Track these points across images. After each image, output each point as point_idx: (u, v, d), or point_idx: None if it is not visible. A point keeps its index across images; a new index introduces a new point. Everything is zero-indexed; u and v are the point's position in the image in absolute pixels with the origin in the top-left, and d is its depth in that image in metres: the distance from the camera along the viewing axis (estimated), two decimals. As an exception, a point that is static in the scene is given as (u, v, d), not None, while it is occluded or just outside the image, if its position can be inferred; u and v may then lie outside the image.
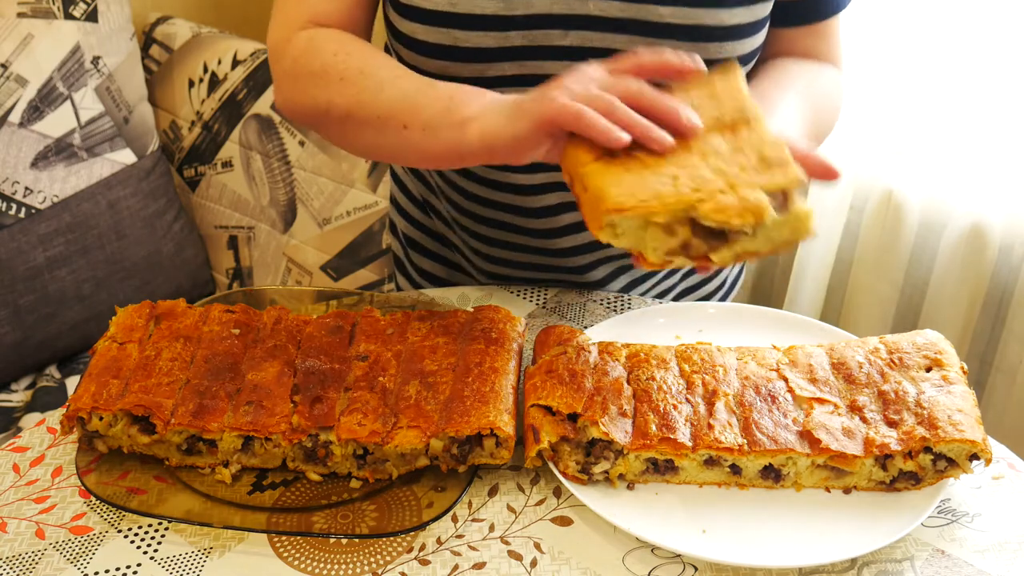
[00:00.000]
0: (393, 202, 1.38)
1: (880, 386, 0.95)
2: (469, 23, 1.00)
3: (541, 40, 1.02)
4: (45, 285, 1.79)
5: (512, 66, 1.03)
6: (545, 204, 1.15)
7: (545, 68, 1.03)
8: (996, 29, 1.62)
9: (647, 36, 1.01)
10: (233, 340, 0.99)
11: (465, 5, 1.00)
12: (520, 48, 1.02)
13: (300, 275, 1.98)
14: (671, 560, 0.87)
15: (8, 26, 1.77)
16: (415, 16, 1.02)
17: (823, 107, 1.11)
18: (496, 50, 1.02)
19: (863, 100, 1.76)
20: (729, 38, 1.02)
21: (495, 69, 1.03)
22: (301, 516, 0.89)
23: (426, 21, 1.02)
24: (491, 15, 1.00)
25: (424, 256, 1.34)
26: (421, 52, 1.04)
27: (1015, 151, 1.66)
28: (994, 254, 1.69)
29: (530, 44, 1.02)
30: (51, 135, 1.79)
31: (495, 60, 1.03)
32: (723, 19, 1.01)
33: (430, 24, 1.01)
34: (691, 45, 1.01)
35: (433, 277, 1.35)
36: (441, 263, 1.33)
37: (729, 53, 1.02)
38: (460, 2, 1.00)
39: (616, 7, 1.00)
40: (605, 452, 0.90)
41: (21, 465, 0.96)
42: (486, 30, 1.01)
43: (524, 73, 1.04)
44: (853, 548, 0.85)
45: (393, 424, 0.91)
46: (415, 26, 1.02)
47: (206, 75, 2.00)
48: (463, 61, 1.03)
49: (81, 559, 0.86)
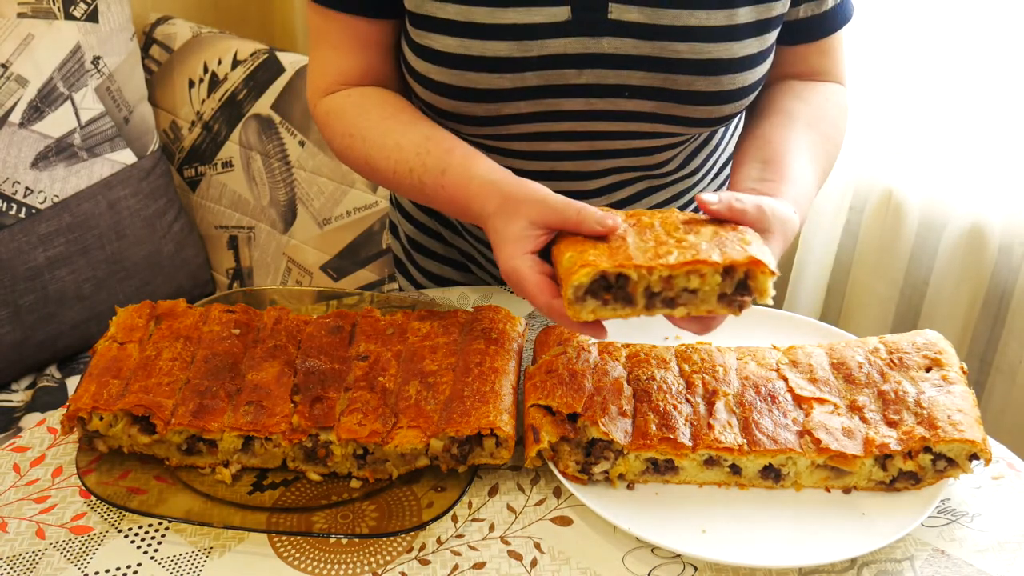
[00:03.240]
0: (395, 204, 1.38)
1: (880, 386, 0.95)
2: (483, 65, 1.00)
3: (556, 80, 1.01)
4: (45, 285, 1.79)
5: (527, 104, 1.03)
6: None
7: (560, 105, 1.03)
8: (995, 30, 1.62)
9: (662, 72, 1.01)
10: (233, 340, 0.99)
11: (478, 48, 0.99)
12: (535, 88, 1.02)
13: (300, 275, 1.98)
14: (671, 560, 0.87)
15: (8, 26, 1.77)
16: (429, 57, 1.02)
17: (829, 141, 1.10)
18: (511, 90, 1.02)
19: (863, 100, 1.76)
20: (741, 69, 1.02)
21: (510, 107, 1.03)
22: (301, 516, 0.89)
23: (440, 63, 1.01)
24: (505, 57, 0.99)
25: (429, 258, 1.35)
26: (435, 91, 1.04)
27: (1015, 151, 1.66)
28: (994, 254, 1.69)
29: (545, 83, 1.01)
30: (51, 135, 1.79)
31: (510, 100, 1.03)
32: (736, 51, 1.01)
33: (443, 66, 1.01)
34: (705, 79, 1.01)
35: (438, 278, 1.35)
36: (446, 264, 1.33)
37: (740, 84, 1.03)
38: (473, 45, 0.99)
39: (631, 44, 1.00)
40: (605, 452, 0.90)
41: (21, 465, 0.96)
42: (500, 72, 1.00)
43: (540, 110, 1.04)
44: (853, 548, 0.85)
45: (393, 424, 0.91)
46: (429, 67, 1.02)
47: (206, 75, 2.00)
48: (477, 101, 1.03)
49: (81, 559, 0.86)
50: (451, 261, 1.33)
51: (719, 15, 0.99)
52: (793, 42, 1.11)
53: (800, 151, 1.03)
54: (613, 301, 0.85)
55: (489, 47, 0.99)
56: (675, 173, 1.17)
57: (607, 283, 0.84)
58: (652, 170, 1.14)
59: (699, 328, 0.90)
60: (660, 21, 0.98)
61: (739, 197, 0.91)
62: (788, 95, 1.11)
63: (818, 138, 1.07)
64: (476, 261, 1.30)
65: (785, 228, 0.93)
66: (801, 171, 1.01)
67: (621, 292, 0.85)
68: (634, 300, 0.85)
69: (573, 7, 0.98)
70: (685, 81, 1.01)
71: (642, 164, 1.12)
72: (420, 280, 1.38)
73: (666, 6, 0.98)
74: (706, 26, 0.99)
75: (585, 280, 0.84)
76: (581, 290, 0.84)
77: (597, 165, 1.10)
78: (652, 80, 1.01)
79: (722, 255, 0.83)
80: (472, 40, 0.99)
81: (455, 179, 0.97)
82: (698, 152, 1.18)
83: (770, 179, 0.99)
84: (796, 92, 1.11)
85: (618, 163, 1.11)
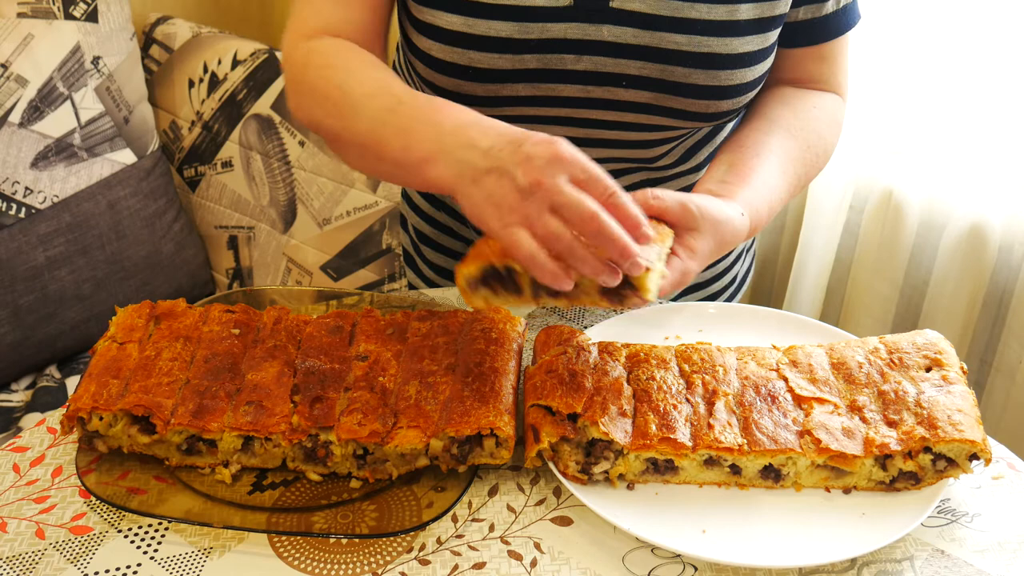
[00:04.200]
0: (405, 196, 1.38)
1: (880, 386, 0.95)
2: (484, 45, 1.01)
3: (555, 64, 1.02)
4: (45, 285, 1.79)
5: (526, 87, 1.04)
6: None
7: (558, 91, 1.04)
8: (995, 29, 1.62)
9: (660, 63, 1.01)
10: (233, 340, 0.99)
11: (481, 27, 1.00)
12: (534, 71, 1.02)
13: (300, 275, 1.99)
14: (671, 560, 0.87)
15: (8, 26, 1.77)
16: (432, 34, 1.02)
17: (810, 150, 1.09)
18: (510, 71, 1.02)
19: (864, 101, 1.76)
20: (741, 65, 1.02)
21: (509, 89, 1.04)
22: (301, 516, 0.89)
23: (442, 40, 1.02)
24: (506, 38, 1.00)
25: (437, 251, 1.35)
26: (436, 69, 1.04)
27: (1015, 151, 1.66)
28: (994, 254, 1.70)
29: (544, 67, 1.02)
30: (51, 135, 1.79)
31: (509, 81, 1.03)
32: (736, 47, 1.01)
33: (445, 43, 1.02)
34: (703, 73, 1.01)
35: (446, 272, 1.35)
36: (454, 258, 1.34)
37: (739, 80, 1.03)
38: (476, 24, 1.00)
39: (630, 34, 1.00)
40: (605, 452, 0.90)
41: (21, 465, 0.96)
42: (501, 52, 1.01)
43: (538, 94, 1.04)
44: (853, 548, 0.85)
45: (393, 424, 0.91)
46: (431, 44, 1.03)
47: (206, 75, 2.00)
48: (477, 81, 1.03)
49: (81, 559, 0.86)
50: (459, 255, 1.33)
51: (720, 10, 0.99)
52: (792, 44, 1.11)
53: (770, 157, 1.04)
54: (503, 290, 0.91)
55: (492, 26, 1.00)
56: (675, 167, 1.18)
57: (497, 273, 0.90)
58: (650, 163, 1.14)
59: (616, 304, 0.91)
60: (661, 12, 0.99)
61: (657, 194, 0.92)
62: (776, 101, 1.11)
63: (796, 145, 1.07)
64: None
65: (719, 228, 0.94)
66: (765, 176, 1.02)
67: (511, 283, 0.90)
68: (522, 290, 0.91)
69: None
70: (683, 73, 1.01)
71: (639, 156, 1.12)
72: (428, 274, 1.38)
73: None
74: (706, 19, 0.99)
75: (475, 272, 0.90)
76: (472, 279, 0.90)
77: (594, 154, 1.10)
78: (650, 71, 1.01)
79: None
80: (475, 19, 1.00)
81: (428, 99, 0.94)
82: (700, 148, 1.18)
83: (729, 181, 1.00)
84: (785, 99, 1.11)
85: (615, 153, 1.11)
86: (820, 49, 1.12)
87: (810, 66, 1.13)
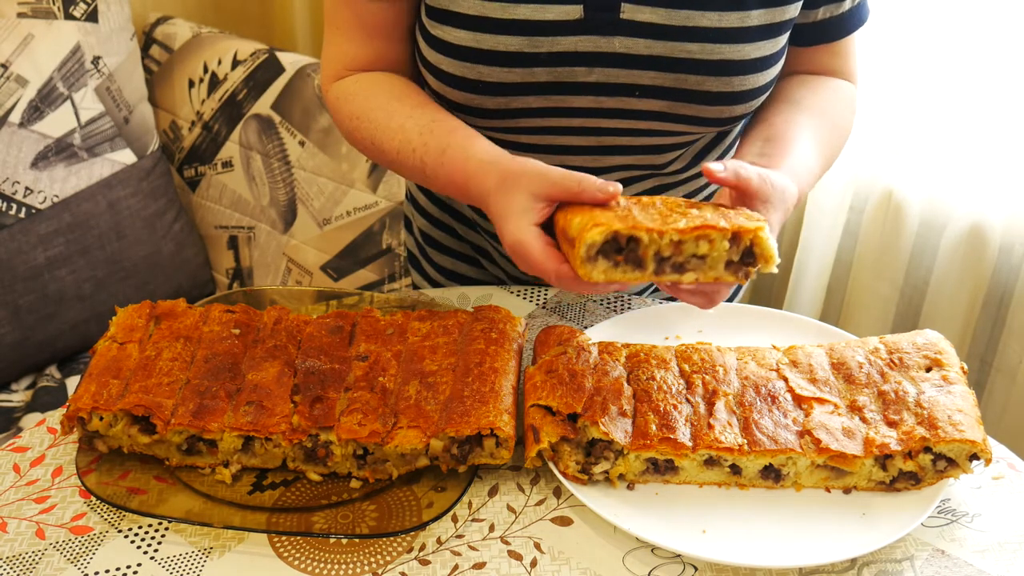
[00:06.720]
0: (409, 198, 1.38)
1: (880, 386, 0.95)
2: (493, 59, 1.01)
3: (566, 77, 1.02)
4: (45, 285, 1.79)
5: (537, 99, 1.04)
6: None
7: (570, 102, 1.04)
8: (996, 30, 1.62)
9: (673, 73, 1.01)
10: (233, 340, 0.99)
11: (489, 42, 1.00)
12: (545, 84, 1.02)
13: (300, 275, 1.98)
14: (671, 560, 0.87)
15: (8, 26, 1.77)
16: (442, 49, 1.03)
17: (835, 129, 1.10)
18: (521, 85, 1.02)
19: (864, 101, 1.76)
20: (753, 71, 1.02)
21: (520, 102, 1.04)
22: (301, 516, 0.89)
23: (452, 55, 1.02)
24: (516, 52, 1.00)
25: (442, 253, 1.35)
26: (446, 83, 1.05)
27: (1015, 151, 1.66)
28: (994, 254, 1.69)
29: (555, 80, 1.02)
30: (51, 135, 1.79)
31: (520, 94, 1.03)
32: (748, 53, 1.01)
33: (455, 58, 1.02)
34: (716, 80, 1.01)
35: (451, 273, 1.35)
36: (459, 259, 1.34)
37: (752, 85, 1.03)
38: (485, 39, 1.00)
39: (642, 44, 1.00)
40: (605, 452, 0.90)
41: (21, 465, 0.96)
42: (511, 66, 1.01)
43: (549, 106, 1.04)
44: (853, 548, 0.85)
45: (393, 424, 0.91)
46: (441, 58, 1.03)
47: (206, 75, 2.00)
48: (487, 94, 1.03)
49: (81, 559, 0.86)
50: (464, 256, 1.33)
51: (731, 17, 0.99)
52: (807, 43, 1.11)
53: (803, 132, 1.04)
54: (624, 263, 0.85)
55: (501, 41, 1.00)
56: (685, 172, 1.18)
57: (618, 245, 0.84)
58: (661, 168, 1.15)
59: (704, 301, 0.92)
60: (672, 22, 0.99)
61: (745, 165, 0.91)
62: (796, 85, 1.12)
63: (823, 123, 1.07)
64: (489, 256, 1.30)
65: (784, 197, 0.93)
66: (802, 148, 1.02)
67: (632, 255, 0.85)
68: (644, 263, 0.85)
69: (585, 5, 0.98)
70: (696, 81, 1.01)
71: (651, 163, 1.12)
72: (432, 275, 1.38)
73: (678, 7, 0.98)
74: (718, 27, 0.99)
75: (599, 238, 0.83)
76: (594, 249, 0.84)
77: (606, 161, 1.11)
78: (663, 80, 1.01)
79: (729, 223, 0.85)
80: (484, 34, 1.00)
81: (454, 159, 0.98)
82: (709, 151, 1.18)
83: (769, 153, 1.00)
84: (805, 83, 1.12)
85: (627, 160, 1.11)
86: (834, 46, 1.13)
87: (825, 61, 1.14)
